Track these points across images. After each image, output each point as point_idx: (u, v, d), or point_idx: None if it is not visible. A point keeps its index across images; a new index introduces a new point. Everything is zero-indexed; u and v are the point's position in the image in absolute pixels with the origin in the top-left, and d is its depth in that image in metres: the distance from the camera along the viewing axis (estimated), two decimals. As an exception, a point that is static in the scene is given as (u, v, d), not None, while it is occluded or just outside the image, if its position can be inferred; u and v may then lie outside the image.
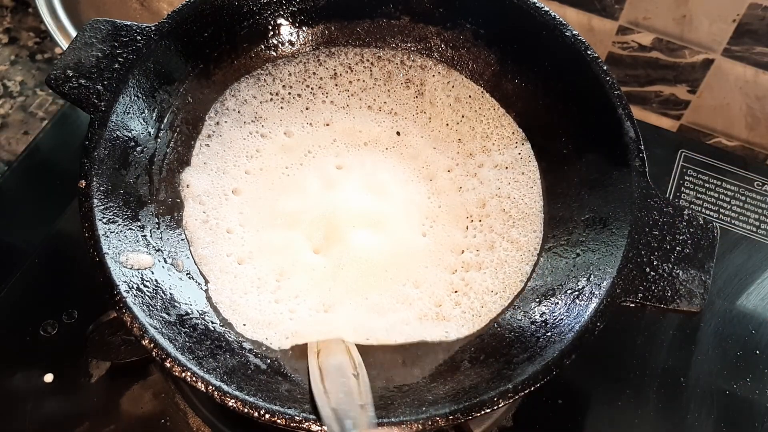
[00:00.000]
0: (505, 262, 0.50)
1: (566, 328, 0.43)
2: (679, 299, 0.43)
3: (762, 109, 0.77)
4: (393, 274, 0.49)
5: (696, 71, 0.76)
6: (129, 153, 0.47)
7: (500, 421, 0.55)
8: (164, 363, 0.39)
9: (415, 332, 0.47)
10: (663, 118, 0.83)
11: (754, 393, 0.59)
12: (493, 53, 0.56)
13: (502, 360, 0.44)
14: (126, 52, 0.48)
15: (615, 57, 0.79)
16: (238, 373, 0.41)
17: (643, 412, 0.57)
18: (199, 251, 0.48)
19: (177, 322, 0.42)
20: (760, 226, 0.69)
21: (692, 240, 0.44)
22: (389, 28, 0.57)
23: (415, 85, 0.57)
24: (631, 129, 0.48)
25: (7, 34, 0.83)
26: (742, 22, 0.70)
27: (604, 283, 0.43)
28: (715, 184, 0.71)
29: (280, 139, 0.54)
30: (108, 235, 0.43)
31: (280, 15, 0.56)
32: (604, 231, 0.46)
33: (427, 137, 0.55)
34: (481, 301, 0.48)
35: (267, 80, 0.56)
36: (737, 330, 0.62)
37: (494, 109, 0.56)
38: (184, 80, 0.52)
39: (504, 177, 0.53)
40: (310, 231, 0.50)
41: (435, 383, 0.43)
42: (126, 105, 0.47)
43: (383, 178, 0.53)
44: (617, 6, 0.74)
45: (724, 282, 0.65)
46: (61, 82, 0.46)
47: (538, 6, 0.52)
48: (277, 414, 0.38)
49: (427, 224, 0.52)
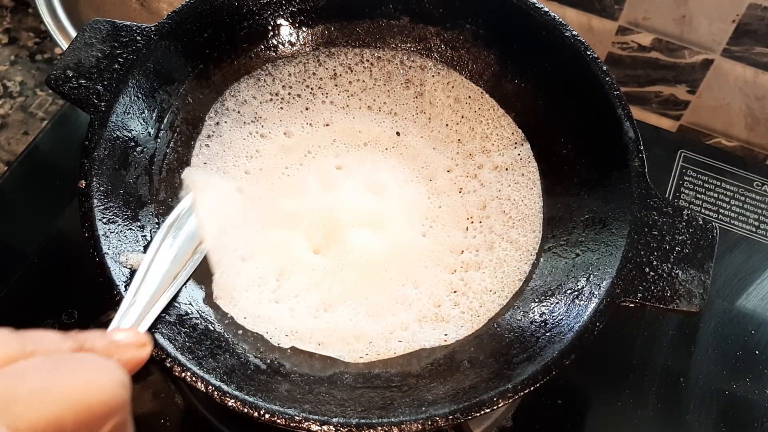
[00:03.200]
0: (504, 262, 0.50)
1: (566, 328, 0.43)
2: (679, 299, 0.43)
3: (761, 110, 0.77)
4: (392, 274, 0.49)
5: (696, 71, 0.76)
6: (129, 153, 0.47)
7: (500, 421, 0.56)
8: (164, 363, 0.39)
9: (414, 339, 0.47)
10: (663, 119, 0.83)
11: (754, 393, 0.59)
12: (493, 53, 0.56)
13: (502, 360, 0.44)
14: (126, 52, 0.48)
15: (615, 57, 0.79)
16: (237, 373, 0.41)
17: (642, 412, 0.57)
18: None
19: (177, 322, 0.42)
20: (759, 227, 0.69)
21: (692, 240, 0.44)
22: (389, 29, 0.57)
23: (414, 85, 0.57)
24: (630, 129, 0.48)
25: (7, 34, 0.83)
26: (742, 23, 0.70)
27: (604, 283, 0.43)
28: (715, 184, 0.71)
29: (279, 139, 0.54)
30: (108, 235, 0.43)
31: (280, 15, 0.56)
32: (604, 231, 0.46)
33: (426, 137, 0.55)
34: (480, 301, 0.48)
35: (267, 80, 0.56)
36: (737, 330, 0.62)
37: (494, 109, 0.56)
38: (184, 80, 0.52)
39: (504, 179, 0.53)
40: (310, 231, 0.50)
41: (435, 383, 0.43)
42: (126, 105, 0.47)
43: (383, 179, 0.53)
44: (617, 6, 0.74)
45: (723, 282, 0.65)
46: (61, 83, 0.46)
47: (538, 6, 0.52)
48: (276, 414, 0.38)
49: (427, 224, 0.52)
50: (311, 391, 0.42)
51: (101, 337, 0.33)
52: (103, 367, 0.29)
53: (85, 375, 0.27)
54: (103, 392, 0.27)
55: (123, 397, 0.28)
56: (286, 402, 0.39)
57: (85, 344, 0.32)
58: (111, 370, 0.29)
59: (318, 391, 0.42)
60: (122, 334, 0.36)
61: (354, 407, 0.40)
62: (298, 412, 0.38)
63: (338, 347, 0.46)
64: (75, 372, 0.27)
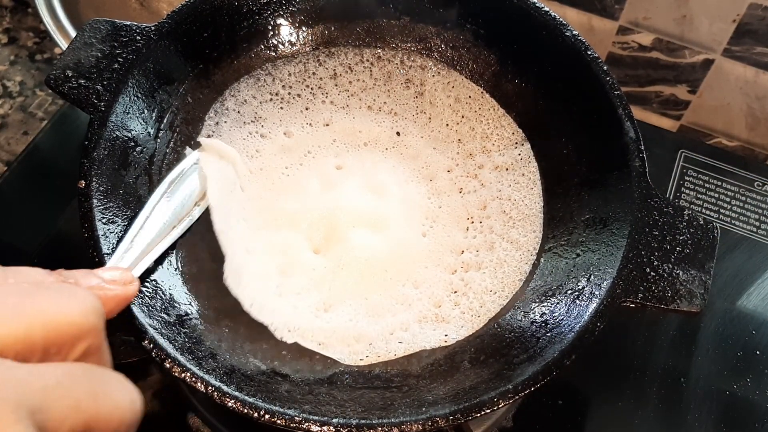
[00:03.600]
0: (505, 262, 0.50)
1: (566, 328, 0.43)
2: (680, 299, 0.42)
3: (762, 110, 0.77)
4: (393, 275, 0.49)
5: (696, 71, 0.76)
6: (129, 153, 0.47)
7: (500, 422, 0.55)
8: (164, 363, 0.39)
9: (414, 339, 0.47)
10: (663, 119, 0.83)
11: (755, 393, 0.59)
12: (493, 53, 0.56)
13: (502, 360, 0.43)
14: (126, 52, 0.48)
15: (615, 57, 0.79)
16: (237, 373, 0.41)
17: (643, 412, 0.57)
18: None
19: (177, 322, 0.42)
20: (760, 227, 0.69)
21: (692, 240, 0.44)
22: (389, 28, 0.57)
23: (415, 85, 0.57)
24: (631, 129, 0.48)
25: (6, 34, 0.83)
26: (742, 22, 0.70)
27: (605, 283, 0.43)
28: (716, 184, 0.71)
29: (279, 139, 0.54)
30: (108, 235, 0.43)
31: (279, 15, 0.56)
32: (605, 231, 0.46)
33: (427, 137, 0.55)
34: (480, 301, 0.48)
35: (267, 80, 0.56)
36: (737, 330, 0.62)
37: (494, 109, 0.56)
38: (183, 80, 0.52)
39: (505, 179, 0.53)
40: (310, 231, 0.50)
41: (435, 384, 0.43)
42: (125, 105, 0.47)
43: (383, 179, 0.53)
44: (617, 6, 0.74)
45: (724, 282, 0.65)
46: (60, 83, 0.46)
47: (538, 6, 0.52)
48: (276, 414, 0.38)
49: (427, 224, 0.52)
50: (311, 391, 0.42)
51: (86, 274, 0.34)
52: (76, 293, 0.29)
53: (57, 298, 0.28)
54: (73, 314, 0.28)
55: (94, 322, 0.29)
56: (286, 402, 0.39)
57: (68, 279, 0.32)
58: (83, 296, 0.29)
59: (318, 391, 0.42)
60: (108, 272, 0.37)
61: (354, 408, 0.40)
62: (298, 412, 0.38)
63: (338, 348, 0.46)
64: (47, 295, 0.28)
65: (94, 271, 0.36)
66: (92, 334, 0.29)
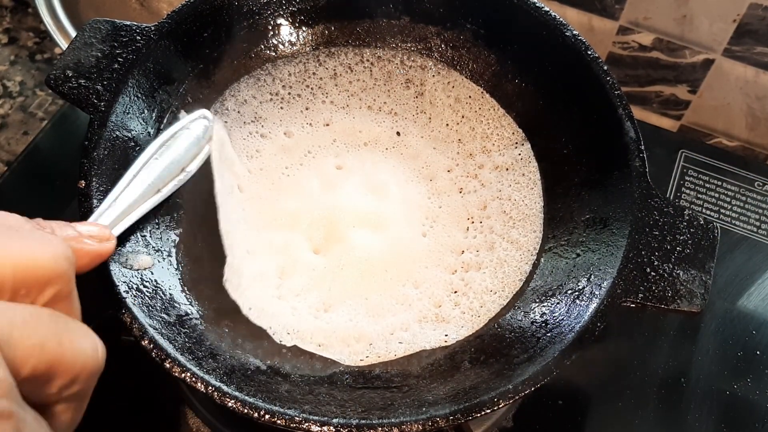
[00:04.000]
0: (505, 262, 0.50)
1: (566, 328, 0.43)
2: (680, 299, 0.42)
3: (762, 109, 0.77)
4: (393, 275, 0.49)
5: (696, 71, 0.76)
6: (129, 153, 0.47)
7: (500, 422, 0.55)
8: (164, 364, 0.39)
9: (414, 340, 0.47)
10: (663, 119, 0.83)
11: (755, 393, 0.59)
12: (493, 53, 0.56)
13: (503, 360, 0.43)
14: (126, 52, 0.48)
15: (615, 57, 0.79)
16: (237, 373, 0.41)
17: (643, 412, 0.57)
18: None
19: (177, 322, 0.42)
20: (760, 227, 0.69)
21: (693, 240, 0.44)
22: (389, 28, 0.57)
23: (415, 85, 0.57)
24: (631, 129, 0.48)
25: (6, 34, 0.83)
26: (743, 22, 0.70)
27: (605, 283, 0.43)
28: (716, 184, 0.71)
29: (279, 139, 0.54)
30: (107, 235, 0.43)
31: (280, 15, 0.56)
32: (605, 231, 0.46)
33: (427, 137, 0.55)
34: (480, 301, 0.48)
35: (267, 80, 0.56)
36: (738, 330, 0.62)
37: (494, 109, 0.56)
38: (183, 80, 0.52)
39: (505, 179, 0.53)
40: (310, 231, 0.50)
41: (435, 384, 0.43)
42: (126, 105, 0.47)
43: (383, 179, 0.53)
44: (617, 6, 0.74)
45: (724, 282, 0.65)
46: (60, 83, 0.46)
47: (538, 6, 0.52)
48: (276, 414, 0.38)
49: (428, 224, 0.52)
50: (311, 391, 0.42)
51: (63, 225, 0.35)
52: (50, 239, 0.30)
53: (29, 242, 0.28)
54: (43, 258, 0.28)
55: (64, 268, 0.29)
56: (286, 402, 0.39)
57: (45, 228, 0.33)
58: (56, 242, 0.30)
59: (318, 391, 0.42)
60: (86, 226, 0.37)
61: (354, 408, 0.40)
62: (298, 412, 0.38)
63: (338, 349, 0.46)
64: (20, 237, 0.29)
65: (71, 223, 0.36)
66: (62, 280, 0.29)
